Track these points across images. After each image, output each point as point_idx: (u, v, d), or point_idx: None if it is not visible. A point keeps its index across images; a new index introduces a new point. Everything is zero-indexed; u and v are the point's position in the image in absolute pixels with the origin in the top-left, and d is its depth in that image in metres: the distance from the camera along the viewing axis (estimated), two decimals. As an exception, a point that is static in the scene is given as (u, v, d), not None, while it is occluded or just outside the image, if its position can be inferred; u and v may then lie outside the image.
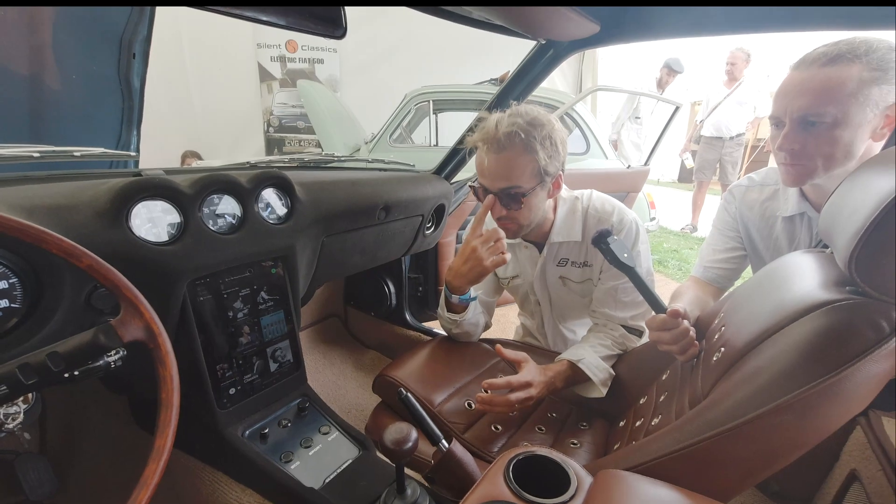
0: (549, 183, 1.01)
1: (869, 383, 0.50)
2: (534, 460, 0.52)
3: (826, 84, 0.75)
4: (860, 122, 0.75)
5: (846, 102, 0.74)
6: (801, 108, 0.77)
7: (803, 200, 0.93)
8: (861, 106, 0.74)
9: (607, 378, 1.02)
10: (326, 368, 1.66)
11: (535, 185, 0.97)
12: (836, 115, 0.75)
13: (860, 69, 0.73)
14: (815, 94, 0.76)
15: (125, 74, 1.53)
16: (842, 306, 0.53)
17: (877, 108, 0.75)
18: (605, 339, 1.08)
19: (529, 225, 1.04)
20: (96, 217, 0.66)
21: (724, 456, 0.56)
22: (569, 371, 1.02)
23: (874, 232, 0.48)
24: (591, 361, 1.02)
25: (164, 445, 0.49)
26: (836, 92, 0.74)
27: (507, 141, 0.93)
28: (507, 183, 0.96)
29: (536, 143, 0.93)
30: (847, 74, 0.73)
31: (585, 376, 1.01)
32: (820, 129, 0.77)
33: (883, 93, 0.74)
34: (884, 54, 0.73)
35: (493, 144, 0.94)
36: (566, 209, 1.10)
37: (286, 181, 0.91)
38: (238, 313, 0.87)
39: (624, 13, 0.92)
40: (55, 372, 0.47)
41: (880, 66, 0.73)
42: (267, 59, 4.61)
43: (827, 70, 0.75)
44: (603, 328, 1.11)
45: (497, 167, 0.95)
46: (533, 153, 0.93)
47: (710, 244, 1.11)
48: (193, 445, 0.93)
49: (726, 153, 4.07)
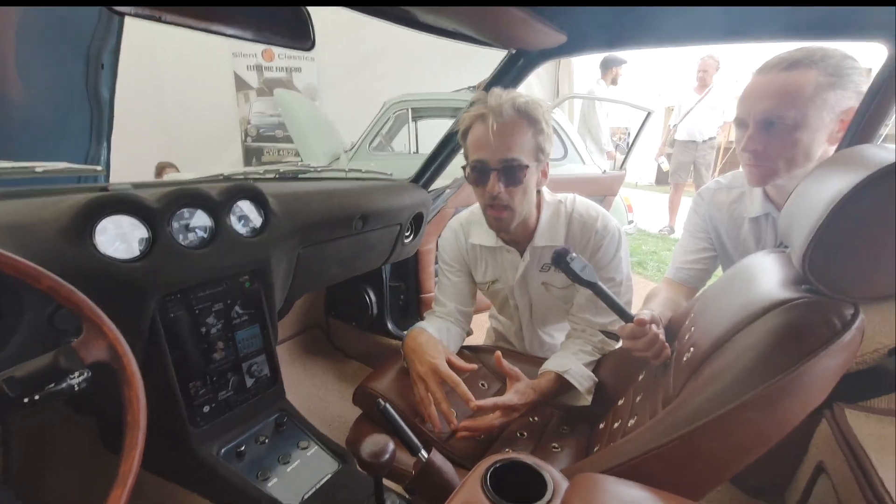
0: (543, 165, 1.00)
1: (825, 377, 0.52)
2: (512, 467, 0.52)
3: (786, 87, 0.79)
4: (818, 126, 0.80)
5: (805, 106, 0.78)
6: (764, 110, 0.82)
7: (767, 202, 0.97)
8: (818, 109, 0.78)
9: (592, 386, 1.03)
10: (308, 380, 1.64)
11: (533, 162, 0.96)
12: (795, 117, 0.79)
13: (817, 74, 0.77)
14: (776, 97, 0.80)
15: (93, 86, 1.49)
16: (798, 304, 0.55)
17: (832, 112, 0.79)
18: (585, 345, 1.09)
19: (521, 214, 1.01)
20: (59, 235, 0.64)
21: (695, 453, 0.57)
22: (555, 385, 1.02)
23: (825, 233, 0.50)
24: (577, 371, 1.02)
25: (129, 469, 0.47)
26: (796, 95, 0.78)
27: (511, 110, 0.92)
28: (510, 154, 0.93)
29: (538, 115, 0.94)
30: (805, 79, 0.78)
31: (571, 385, 1.01)
32: (781, 130, 0.81)
33: (838, 97, 0.78)
34: (838, 61, 0.78)
35: (497, 114, 0.92)
36: (550, 212, 1.09)
37: (259, 193, 0.90)
38: (211, 329, 0.85)
39: (589, 24, 0.95)
40: (12, 398, 0.45)
41: (835, 72, 0.77)
42: (243, 69, 4.56)
43: (786, 74, 0.79)
44: (582, 333, 1.12)
45: (500, 136, 0.92)
46: (534, 125, 0.94)
47: (681, 246, 1.14)
48: (166, 467, 0.90)
49: (700, 156, 4.21)
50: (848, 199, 0.48)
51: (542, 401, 1.01)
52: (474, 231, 1.16)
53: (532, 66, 1.12)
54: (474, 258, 1.20)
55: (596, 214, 1.08)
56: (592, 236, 1.06)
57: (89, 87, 1.49)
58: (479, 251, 1.18)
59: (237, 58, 4.49)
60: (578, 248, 1.07)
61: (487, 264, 1.19)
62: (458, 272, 1.21)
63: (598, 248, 1.06)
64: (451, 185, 1.68)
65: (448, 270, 1.21)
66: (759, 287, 0.66)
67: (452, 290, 1.21)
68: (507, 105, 0.92)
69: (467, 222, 1.19)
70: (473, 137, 0.97)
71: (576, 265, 0.86)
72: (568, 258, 0.86)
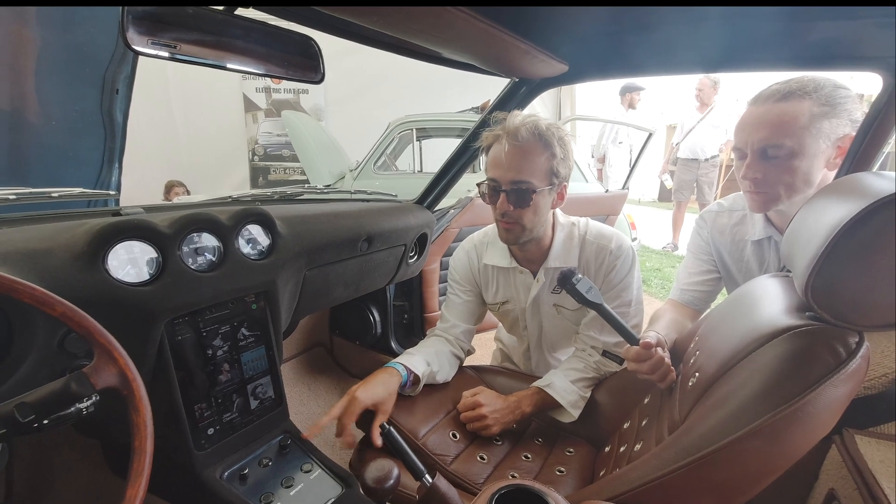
0: (557, 188, 1.03)
1: (832, 406, 0.52)
2: (517, 493, 0.52)
3: (781, 118, 0.81)
4: (815, 153, 0.81)
5: (801, 135, 0.80)
6: (761, 140, 0.83)
7: (769, 225, 0.98)
8: (815, 138, 0.80)
9: (577, 400, 1.03)
10: (311, 400, 1.63)
11: (545, 186, 0.99)
12: (792, 146, 0.81)
13: (811, 104, 0.80)
14: (772, 126, 0.82)
15: (108, 110, 1.54)
16: (803, 332, 0.55)
17: (828, 139, 0.81)
18: (577, 363, 1.09)
19: (532, 230, 1.03)
20: (73, 260, 0.65)
21: (702, 482, 0.57)
22: (536, 396, 1.04)
23: (826, 261, 0.51)
24: (560, 385, 1.04)
25: (136, 495, 0.48)
26: (791, 125, 0.80)
27: (526, 133, 0.96)
28: (519, 176, 0.97)
29: (553, 140, 0.97)
30: (800, 109, 0.80)
31: (555, 400, 1.02)
32: (779, 159, 0.83)
33: (832, 125, 0.80)
34: (830, 91, 0.80)
35: (512, 136, 0.96)
36: (564, 234, 1.10)
37: (267, 217, 0.92)
38: (218, 351, 0.86)
39: (590, 55, 0.97)
40: (23, 423, 0.46)
41: (828, 101, 0.79)
42: (252, 90, 4.68)
43: (781, 105, 0.81)
44: (580, 352, 1.12)
45: (512, 158, 0.96)
46: (548, 149, 0.97)
47: (685, 267, 1.15)
48: (169, 489, 0.89)
49: (702, 174, 4.23)
50: (848, 228, 0.49)
51: (525, 412, 1.03)
52: (489, 251, 1.18)
53: (535, 93, 1.15)
54: (486, 279, 1.20)
55: (610, 234, 1.10)
56: (607, 257, 1.07)
57: (103, 112, 1.53)
58: (492, 272, 1.19)
59: (246, 80, 4.61)
60: (593, 269, 1.09)
61: (499, 285, 1.19)
62: (467, 292, 1.21)
63: (612, 268, 1.07)
64: (455, 205, 1.70)
65: (458, 289, 1.22)
66: (764, 312, 0.66)
67: (459, 310, 1.21)
68: (523, 129, 0.96)
69: (481, 243, 1.20)
70: (491, 156, 1.02)
71: (581, 286, 0.87)
72: (574, 279, 0.87)
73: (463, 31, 0.75)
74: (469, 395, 1.06)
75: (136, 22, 0.57)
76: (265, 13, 0.78)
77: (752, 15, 0.79)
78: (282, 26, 0.72)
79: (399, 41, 0.86)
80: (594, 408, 1.07)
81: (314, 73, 0.64)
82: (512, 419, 1.02)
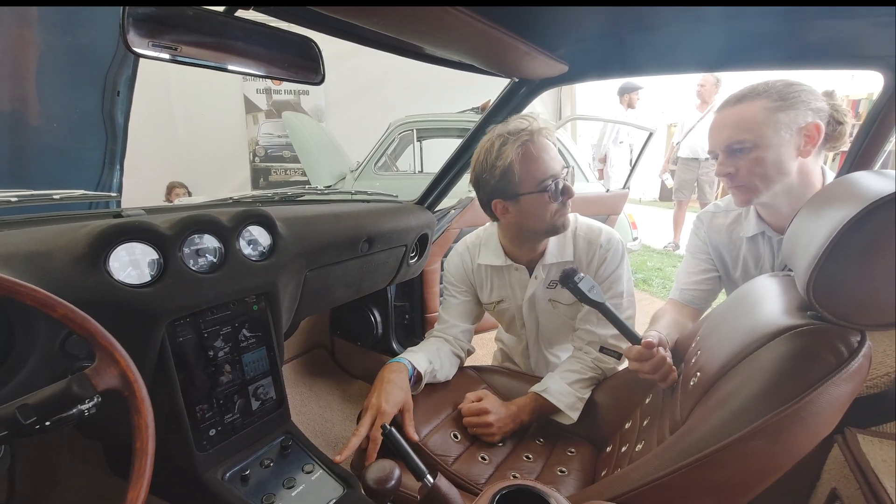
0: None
1: (834, 406, 0.52)
2: (518, 493, 0.52)
3: (739, 117, 0.89)
4: (779, 143, 0.87)
5: (759, 129, 0.87)
6: (725, 139, 0.91)
7: (760, 221, 1.01)
8: (775, 130, 0.86)
9: (575, 402, 1.03)
10: (312, 401, 1.63)
11: None
12: (753, 139, 0.87)
13: (763, 102, 0.86)
14: (733, 126, 0.90)
15: (109, 111, 1.54)
16: (804, 331, 0.55)
17: (790, 130, 0.86)
18: (575, 364, 1.09)
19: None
20: (74, 263, 0.65)
21: (703, 482, 0.56)
22: (534, 403, 1.04)
23: (827, 261, 0.51)
24: (556, 388, 1.04)
25: (137, 496, 0.48)
26: (749, 122, 0.87)
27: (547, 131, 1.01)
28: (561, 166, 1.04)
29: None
30: (754, 108, 0.87)
31: (553, 405, 1.02)
32: (744, 152, 0.90)
33: (790, 116, 0.85)
34: (781, 88, 0.86)
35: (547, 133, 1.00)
36: None
37: (268, 218, 0.92)
38: (219, 352, 0.86)
39: (589, 55, 0.97)
40: (25, 425, 0.46)
41: (781, 97, 0.85)
42: (252, 92, 4.68)
43: (737, 107, 0.90)
44: (578, 352, 1.13)
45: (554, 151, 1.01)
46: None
47: (684, 267, 1.16)
48: (170, 490, 0.89)
49: (703, 173, 4.22)
50: (849, 227, 0.49)
51: (523, 420, 1.03)
52: (482, 252, 1.19)
53: (535, 94, 1.15)
54: (480, 279, 1.21)
55: (599, 229, 1.12)
56: (597, 250, 1.09)
57: (105, 114, 1.54)
58: (486, 272, 1.19)
59: (247, 82, 4.61)
60: (584, 263, 1.10)
61: (493, 285, 1.20)
62: (463, 293, 1.22)
63: (603, 261, 1.09)
64: (456, 205, 1.70)
65: (454, 290, 1.23)
66: (765, 312, 0.66)
67: (457, 310, 1.22)
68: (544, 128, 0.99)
69: (474, 245, 1.21)
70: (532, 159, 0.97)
71: (584, 285, 0.88)
72: (576, 278, 0.88)
73: (463, 31, 0.75)
74: (473, 397, 1.05)
75: (137, 24, 0.57)
76: (265, 15, 0.78)
77: (752, 14, 0.79)
78: (282, 28, 0.72)
79: (399, 42, 0.86)
80: (595, 408, 1.07)
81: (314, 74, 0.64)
82: (513, 428, 1.02)
